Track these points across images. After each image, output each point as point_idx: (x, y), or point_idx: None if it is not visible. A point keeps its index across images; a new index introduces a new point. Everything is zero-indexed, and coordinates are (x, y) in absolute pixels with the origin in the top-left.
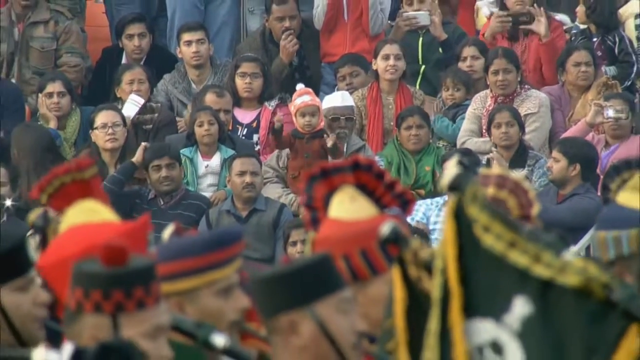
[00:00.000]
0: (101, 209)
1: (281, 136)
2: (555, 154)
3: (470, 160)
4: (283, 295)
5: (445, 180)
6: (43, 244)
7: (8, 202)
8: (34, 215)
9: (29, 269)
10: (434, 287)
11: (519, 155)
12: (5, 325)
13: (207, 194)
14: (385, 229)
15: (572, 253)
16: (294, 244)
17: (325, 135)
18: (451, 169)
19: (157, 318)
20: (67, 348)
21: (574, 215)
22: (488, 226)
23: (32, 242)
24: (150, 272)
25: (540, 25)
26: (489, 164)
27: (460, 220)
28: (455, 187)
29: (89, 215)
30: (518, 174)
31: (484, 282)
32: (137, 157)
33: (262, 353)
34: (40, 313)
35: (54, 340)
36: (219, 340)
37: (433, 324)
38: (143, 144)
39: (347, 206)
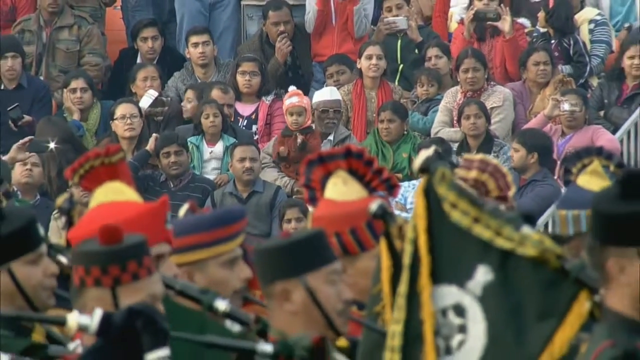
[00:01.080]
0: (126, 190)
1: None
2: (515, 145)
3: (443, 148)
4: (278, 266)
5: (417, 163)
6: (68, 224)
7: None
8: (60, 199)
9: (39, 244)
10: (405, 255)
11: (486, 144)
12: (19, 295)
13: (212, 177)
14: (374, 206)
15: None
16: (289, 221)
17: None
18: (422, 154)
19: (151, 287)
20: (97, 313)
21: (536, 203)
22: (455, 203)
23: (59, 223)
24: (141, 247)
25: (505, 23)
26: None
27: (430, 197)
28: (425, 169)
29: (115, 195)
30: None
31: (450, 252)
32: (150, 146)
33: (258, 317)
34: (50, 283)
35: (64, 306)
36: (221, 305)
37: (402, 288)
38: (154, 135)
39: (340, 188)
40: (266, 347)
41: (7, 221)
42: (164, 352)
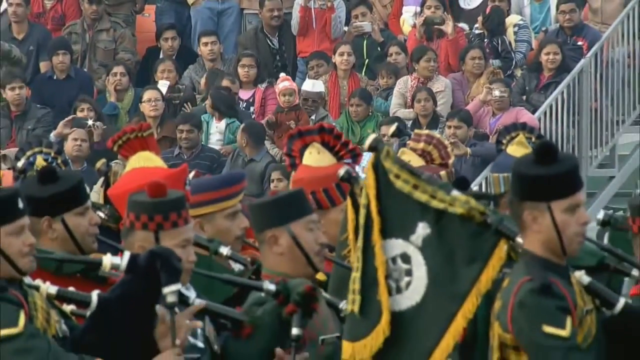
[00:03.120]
0: (155, 158)
1: (273, 125)
2: (456, 122)
3: (400, 124)
4: (268, 217)
5: (367, 143)
6: (106, 182)
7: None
8: (99, 163)
9: (86, 200)
10: (360, 216)
11: (433, 121)
12: (70, 240)
13: (217, 146)
14: (341, 171)
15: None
16: (273, 181)
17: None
18: (370, 136)
19: (186, 234)
20: (126, 255)
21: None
22: (398, 174)
23: (99, 182)
24: (181, 202)
25: (448, 27)
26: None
27: (378, 170)
28: (373, 147)
29: (146, 162)
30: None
31: (396, 213)
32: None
33: (254, 259)
34: (94, 230)
35: (105, 249)
36: (224, 250)
37: (359, 242)
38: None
39: (315, 157)
40: (270, 287)
41: (60, 181)
42: (177, 286)
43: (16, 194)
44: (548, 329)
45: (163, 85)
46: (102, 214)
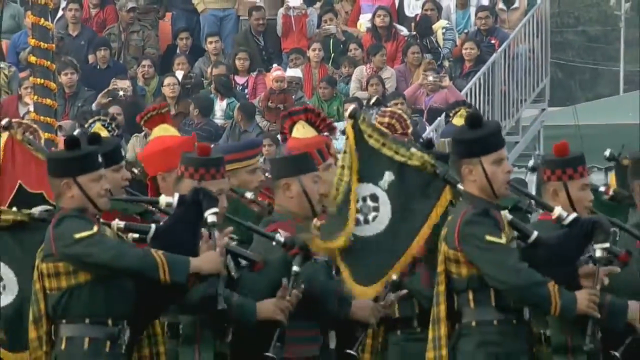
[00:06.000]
0: (172, 129)
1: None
2: (399, 100)
3: (359, 103)
4: (284, 169)
5: (347, 112)
6: None
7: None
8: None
9: (122, 159)
10: (345, 160)
11: (383, 100)
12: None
13: (220, 121)
14: (351, 109)
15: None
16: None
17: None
18: (350, 106)
19: (222, 185)
20: (176, 195)
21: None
22: (371, 134)
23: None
24: (220, 161)
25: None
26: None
27: (355, 130)
28: (352, 115)
29: (165, 132)
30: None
31: (368, 163)
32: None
33: (269, 203)
34: (125, 184)
35: (132, 200)
36: (248, 194)
37: (345, 177)
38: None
39: (301, 131)
40: (280, 238)
41: (103, 145)
42: (215, 209)
43: (97, 150)
44: (490, 238)
45: (179, 74)
46: (136, 171)
